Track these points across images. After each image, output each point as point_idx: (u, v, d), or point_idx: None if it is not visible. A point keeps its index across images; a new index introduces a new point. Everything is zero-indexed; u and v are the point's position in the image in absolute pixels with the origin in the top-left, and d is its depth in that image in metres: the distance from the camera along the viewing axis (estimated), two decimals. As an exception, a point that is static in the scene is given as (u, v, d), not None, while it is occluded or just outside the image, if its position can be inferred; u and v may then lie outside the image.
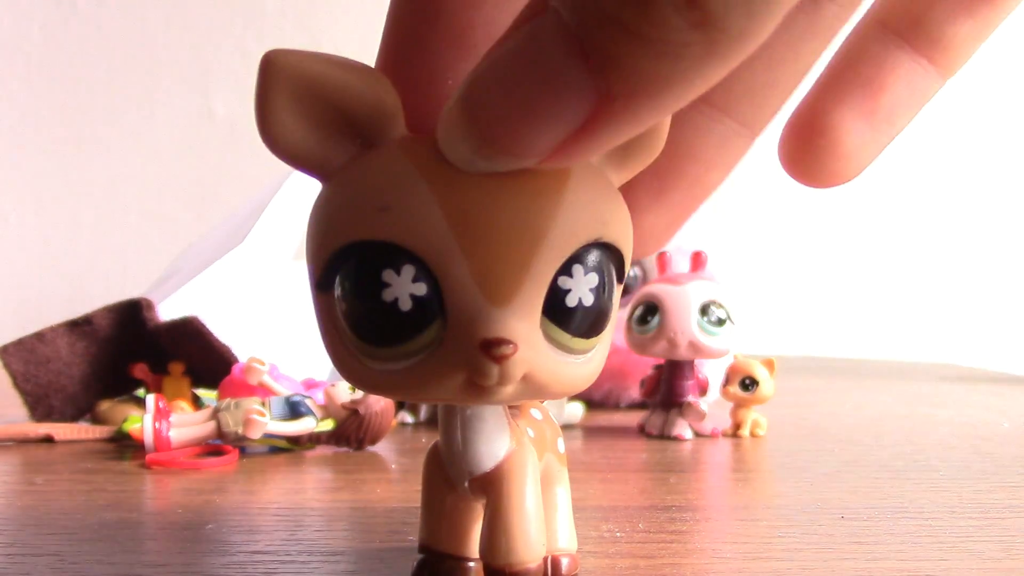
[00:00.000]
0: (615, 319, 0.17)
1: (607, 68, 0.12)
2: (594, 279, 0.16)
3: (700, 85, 0.12)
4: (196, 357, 0.44)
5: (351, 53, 0.16)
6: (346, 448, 0.38)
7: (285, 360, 0.44)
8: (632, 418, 0.48)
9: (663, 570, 0.22)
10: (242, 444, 0.37)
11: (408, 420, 0.46)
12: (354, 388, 0.38)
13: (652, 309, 0.41)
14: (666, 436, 0.42)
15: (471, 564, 0.19)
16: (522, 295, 0.15)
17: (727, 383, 0.43)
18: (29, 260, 1.02)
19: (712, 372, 0.46)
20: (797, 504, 0.29)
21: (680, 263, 0.45)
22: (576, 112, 0.12)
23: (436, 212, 0.15)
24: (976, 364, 0.96)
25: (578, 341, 0.16)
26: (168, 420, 0.36)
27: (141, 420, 0.36)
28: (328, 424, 0.37)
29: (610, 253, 0.16)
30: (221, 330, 0.44)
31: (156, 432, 0.35)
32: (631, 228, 0.17)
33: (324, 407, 0.38)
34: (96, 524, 0.26)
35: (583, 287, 0.15)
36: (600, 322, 0.16)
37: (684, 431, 0.42)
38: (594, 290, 0.16)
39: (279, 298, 0.49)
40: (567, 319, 0.15)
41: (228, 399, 0.37)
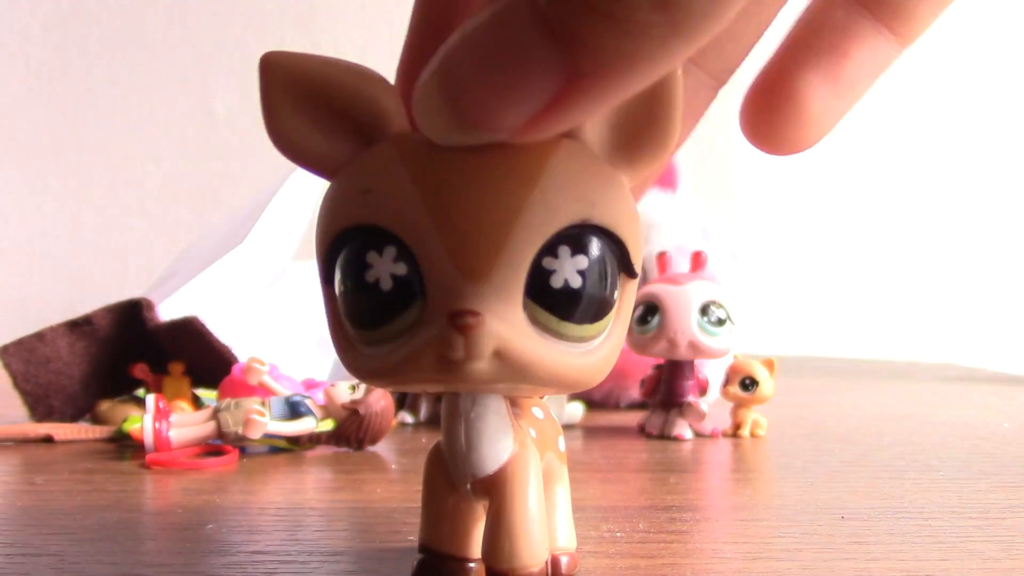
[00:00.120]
0: (625, 314, 0.17)
1: (575, 47, 0.12)
2: (582, 262, 0.15)
3: (666, 64, 0.12)
4: (196, 357, 0.44)
5: (351, 53, 0.17)
6: (346, 448, 0.38)
7: (285, 360, 0.44)
8: (632, 418, 0.48)
9: (663, 570, 0.22)
10: (242, 444, 0.37)
11: (408, 420, 0.46)
12: (354, 388, 0.38)
13: (652, 309, 0.41)
14: (666, 436, 0.42)
15: (471, 565, 0.19)
16: (498, 272, 0.15)
17: (727, 383, 0.43)
18: (29, 260, 1.02)
19: (712, 372, 0.46)
20: (797, 504, 0.29)
21: (680, 263, 0.45)
22: (545, 89, 0.13)
23: (413, 192, 0.15)
24: (976, 364, 0.96)
25: (568, 327, 0.15)
26: (168, 420, 0.36)
27: (141, 420, 0.36)
28: (328, 424, 0.37)
29: (606, 238, 0.16)
30: (221, 330, 0.44)
31: (156, 432, 0.35)
32: (633, 216, 0.16)
33: (324, 407, 0.38)
34: (96, 524, 0.26)
35: (569, 269, 0.15)
36: (593, 308, 0.16)
37: (684, 431, 0.42)
38: (583, 273, 0.15)
39: (279, 298, 0.49)
40: (553, 301, 0.15)
41: (228, 399, 0.37)
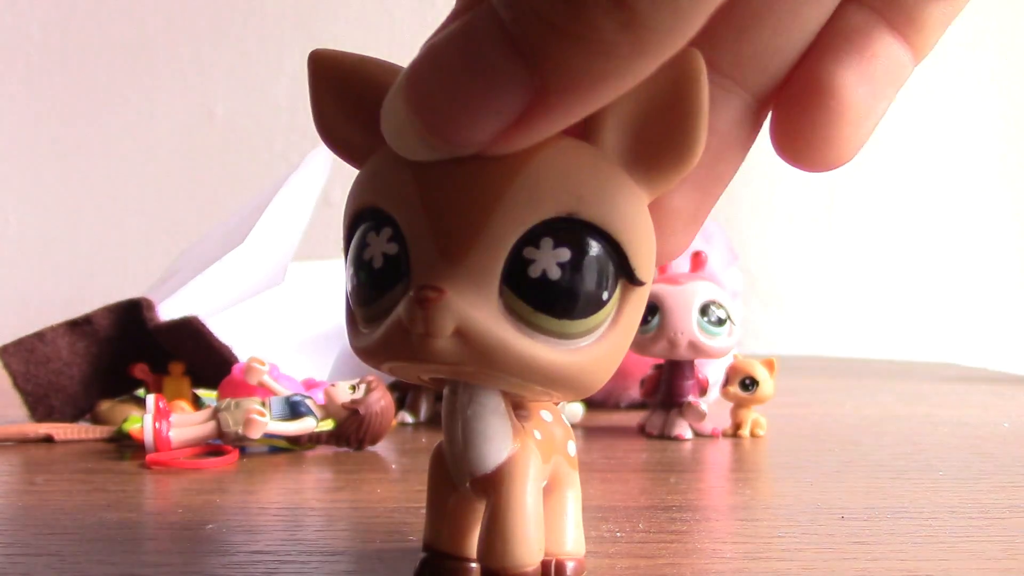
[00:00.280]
0: (627, 322, 0.16)
1: (540, 64, 0.12)
2: (564, 254, 0.15)
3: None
4: (196, 357, 0.44)
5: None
6: (346, 448, 0.38)
7: (285, 360, 0.44)
8: (632, 418, 0.48)
9: (663, 570, 0.22)
10: (242, 444, 0.37)
11: (408, 420, 0.46)
12: (354, 388, 0.38)
13: (652, 309, 0.41)
14: (666, 436, 0.42)
15: (473, 565, 0.19)
16: (474, 255, 0.15)
17: (727, 383, 0.43)
18: (29, 260, 1.02)
19: (712, 372, 0.46)
20: (797, 504, 0.29)
21: (680, 263, 0.45)
22: (512, 105, 0.13)
23: (408, 174, 0.15)
24: (976, 364, 0.96)
25: (545, 319, 0.15)
26: (168, 420, 0.36)
27: (141, 420, 0.36)
28: (328, 424, 0.37)
29: (596, 236, 0.15)
30: (221, 330, 0.44)
31: (156, 432, 0.35)
32: (637, 222, 0.16)
33: (324, 407, 0.37)
34: (96, 524, 0.26)
35: (549, 260, 0.15)
36: (574, 304, 0.15)
37: (684, 431, 0.42)
38: (564, 266, 0.15)
39: (279, 298, 0.49)
40: (529, 291, 0.15)
41: (228, 399, 0.37)
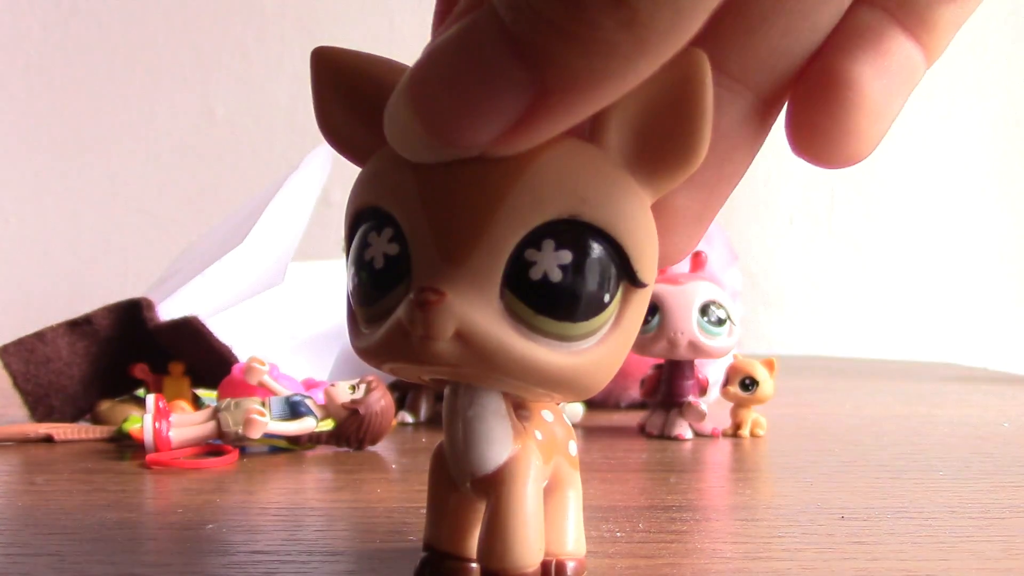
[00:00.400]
0: (628, 324, 0.16)
1: (541, 65, 0.12)
2: (566, 256, 0.15)
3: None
4: (196, 357, 0.44)
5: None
6: (346, 448, 0.38)
7: (285, 360, 0.44)
8: (632, 418, 0.48)
9: (663, 570, 0.22)
10: (242, 444, 0.37)
11: (408, 420, 0.46)
12: (354, 388, 0.38)
13: (652, 309, 0.41)
14: (666, 436, 0.42)
15: (473, 565, 0.19)
16: (476, 257, 0.15)
17: (727, 383, 0.43)
18: (29, 260, 1.02)
19: (712, 372, 0.46)
20: (797, 504, 0.29)
21: (680, 263, 0.45)
22: (514, 106, 0.13)
23: (410, 174, 0.15)
24: (976, 364, 0.96)
25: (546, 321, 0.15)
26: (168, 420, 0.36)
27: (141, 420, 0.36)
28: (328, 424, 0.37)
29: (598, 238, 0.15)
30: (221, 330, 0.44)
31: (156, 432, 0.35)
32: (639, 224, 0.16)
33: (324, 407, 0.37)
34: (96, 524, 0.26)
35: (550, 262, 0.15)
36: (576, 306, 0.15)
37: (684, 431, 0.42)
38: (565, 268, 0.15)
39: (279, 298, 0.49)
40: (531, 293, 0.15)
41: (228, 399, 0.37)
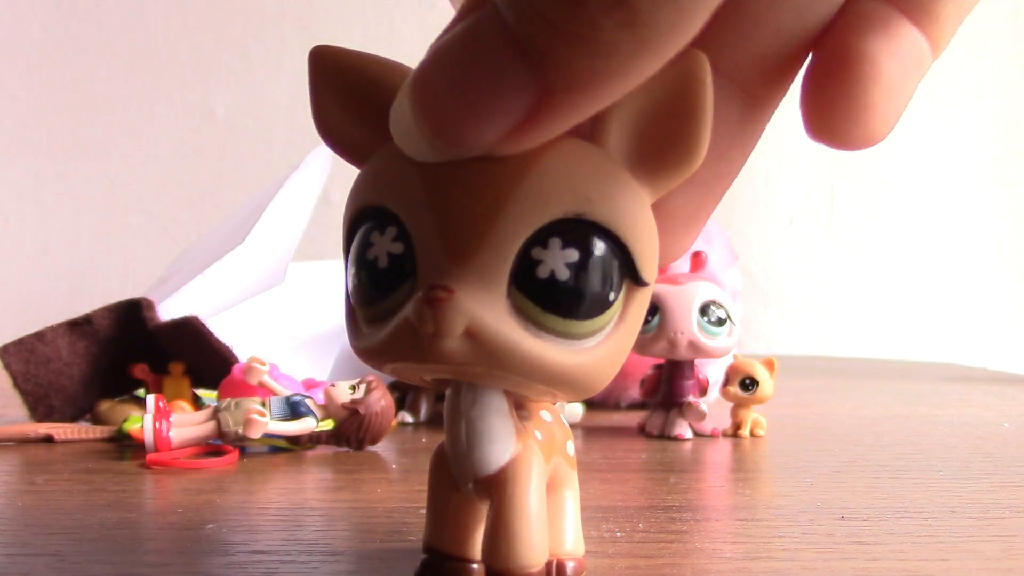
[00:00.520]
0: (631, 322, 0.16)
1: (544, 64, 0.12)
2: (573, 255, 0.15)
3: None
4: (196, 357, 0.44)
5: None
6: (346, 448, 0.38)
7: (285, 360, 0.44)
8: (632, 418, 0.48)
9: (663, 570, 0.22)
10: (242, 444, 0.37)
11: (408, 420, 0.46)
12: (354, 388, 0.38)
13: (652, 309, 0.41)
14: (666, 436, 0.42)
15: (475, 566, 0.19)
16: (483, 255, 0.15)
17: (727, 383, 0.43)
18: (29, 260, 1.02)
19: (712, 372, 0.46)
20: (797, 504, 0.29)
21: (680, 263, 0.45)
22: (518, 106, 0.13)
23: (414, 173, 0.15)
24: (976, 364, 0.96)
25: (554, 320, 0.15)
26: (168, 420, 0.36)
27: (141, 420, 0.36)
28: (328, 424, 0.37)
29: (603, 237, 0.15)
30: (221, 330, 0.44)
31: (156, 432, 0.35)
32: (642, 223, 0.16)
33: (324, 407, 0.37)
34: (96, 524, 0.26)
35: (557, 261, 0.15)
36: (582, 304, 0.15)
37: (684, 431, 0.42)
38: (572, 267, 0.15)
39: (279, 298, 0.49)
40: (538, 292, 0.15)
41: (228, 399, 0.37)
